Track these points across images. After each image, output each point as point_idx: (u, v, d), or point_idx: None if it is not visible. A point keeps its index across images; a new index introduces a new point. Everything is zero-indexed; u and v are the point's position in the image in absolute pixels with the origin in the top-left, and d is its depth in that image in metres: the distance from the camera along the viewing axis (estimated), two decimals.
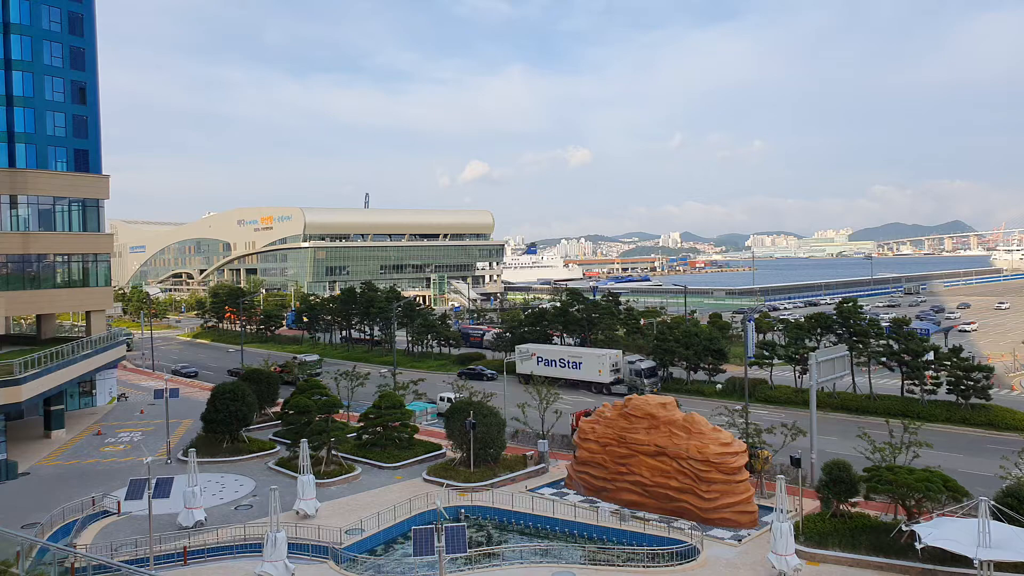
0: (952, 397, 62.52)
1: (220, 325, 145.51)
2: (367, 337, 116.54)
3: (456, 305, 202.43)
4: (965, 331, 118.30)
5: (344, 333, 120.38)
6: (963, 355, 63.64)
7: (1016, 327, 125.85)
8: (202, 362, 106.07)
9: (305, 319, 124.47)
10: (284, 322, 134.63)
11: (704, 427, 41.57)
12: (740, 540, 37.07)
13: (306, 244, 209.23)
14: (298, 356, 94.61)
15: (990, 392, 61.82)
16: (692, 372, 78.89)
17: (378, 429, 52.70)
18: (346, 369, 67.17)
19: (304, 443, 42.14)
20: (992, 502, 28.31)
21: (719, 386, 74.62)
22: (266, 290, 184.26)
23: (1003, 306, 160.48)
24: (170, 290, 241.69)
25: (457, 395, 58.03)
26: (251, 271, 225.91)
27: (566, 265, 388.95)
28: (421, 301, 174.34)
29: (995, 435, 56.76)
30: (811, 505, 39.83)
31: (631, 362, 77.97)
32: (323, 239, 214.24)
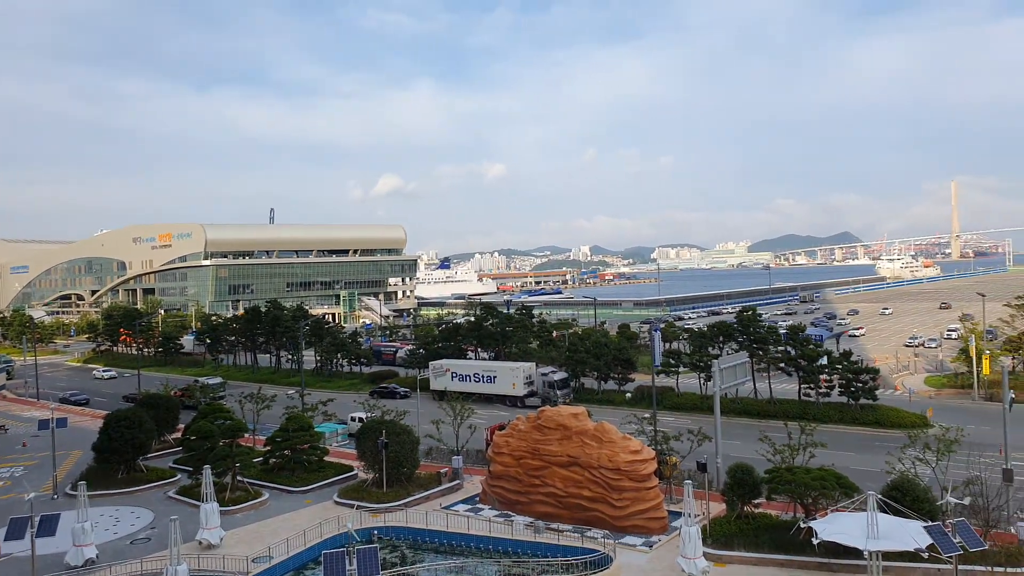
0: (844, 399, 66.04)
1: (115, 349, 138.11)
2: (275, 357, 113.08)
3: (368, 322, 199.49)
4: (854, 336, 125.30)
5: (249, 354, 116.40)
6: (853, 359, 67.46)
7: (898, 331, 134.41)
8: (94, 388, 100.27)
9: (207, 340, 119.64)
10: (192, 342, 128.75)
11: (615, 436, 42.34)
12: (651, 546, 37.89)
13: (207, 262, 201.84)
14: (200, 379, 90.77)
15: (877, 393, 65.70)
16: (603, 382, 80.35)
17: (286, 452, 51.16)
18: (251, 391, 64.98)
19: (207, 469, 40.42)
20: (879, 496, 30.02)
21: (629, 395, 76.31)
22: (165, 311, 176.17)
23: (887, 311, 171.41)
24: (58, 313, 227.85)
25: (369, 414, 57.02)
26: (148, 291, 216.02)
27: (480, 279, 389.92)
28: (330, 319, 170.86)
29: (882, 433, 60.26)
30: (718, 508, 41.13)
31: (544, 374, 78.71)
32: (225, 256, 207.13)
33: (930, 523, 29.14)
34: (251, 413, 61.62)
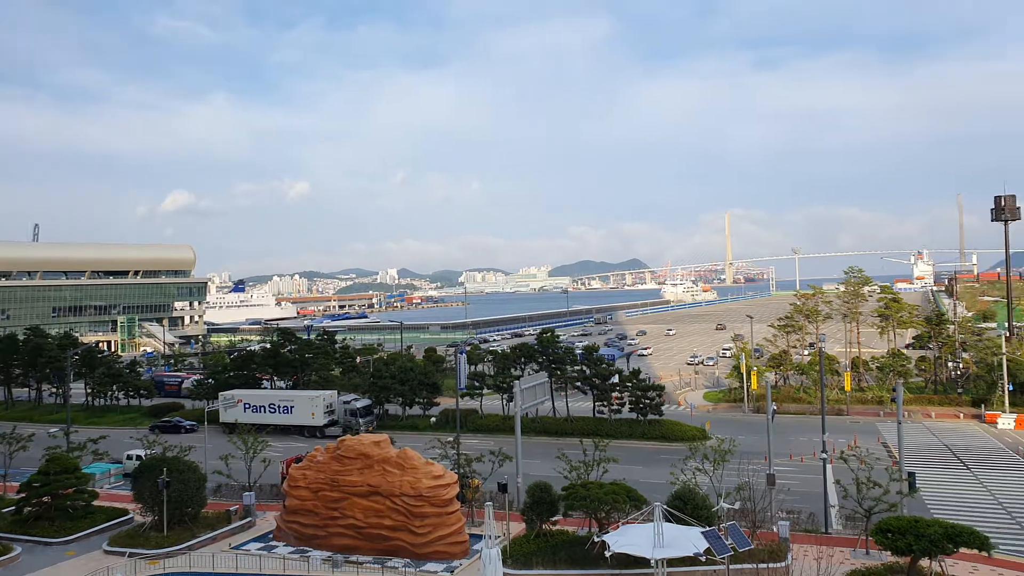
0: (634, 415, 70.32)
1: None
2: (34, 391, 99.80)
3: (149, 351, 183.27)
4: (643, 355, 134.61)
5: (2, 388, 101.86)
6: (641, 377, 72.13)
7: (681, 350, 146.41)
8: None
9: None
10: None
11: (417, 462, 41.72)
12: (452, 571, 37.58)
13: None
14: None
15: (662, 408, 70.75)
16: (408, 407, 79.44)
17: (44, 499, 45.01)
18: (2, 431, 56.70)
19: None
20: (664, 506, 31.97)
21: (433, 419, 76.04)
22: None
23: (671, 332, 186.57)
24: None
25: (148, 451, 51.80)
26: None
27: (279, 303, 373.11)
28: (105, 347, 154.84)
29: (667, 446, 64.80)
30: (518, 527, 41.79)
31: (346, 402, 76.29)
32: None
33: (707, 528, 31.47)
34: (2, 456, 53.76)
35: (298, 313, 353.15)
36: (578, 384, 75.01)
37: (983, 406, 76.32)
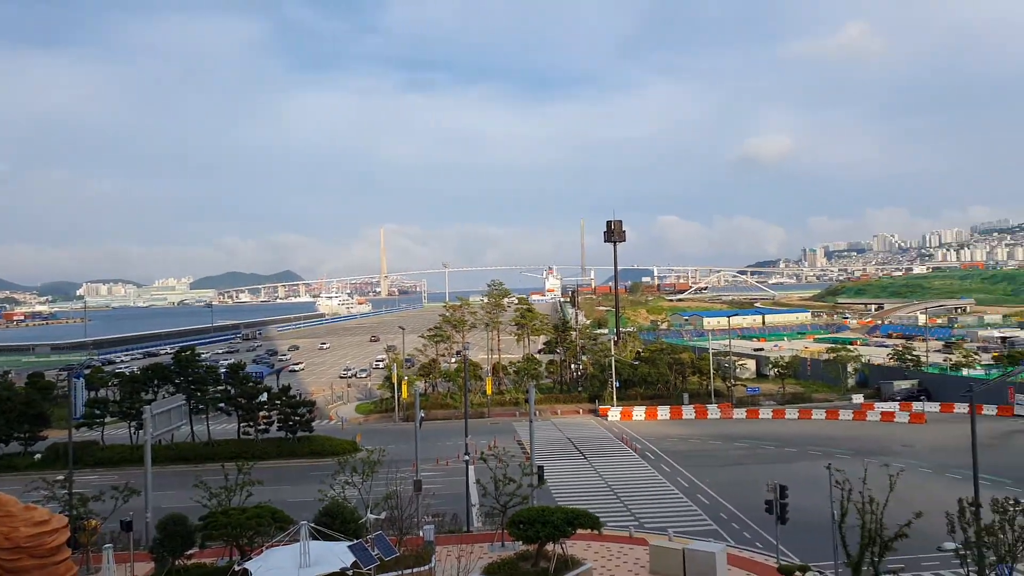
0: (283, 433, 67.50)
1: None
2: None
3: None
4: (295, 371, 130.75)
5: None
6: (291, 393, 69.71)
7: (335, 363, 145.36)
8: None
9: None
10: None
11: (14, 508, 34.38)
12: None
13: None
14: None
15: (314, 424, 69.12)
16: (4, 444, 66.37)
17: None
18: None
19: None
20: (311, 524, 30.83)
21: (38, 456, 64.58)
22: None
23: (324, 346, 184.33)
24: None
25: None
26: None
27: None
28: None
29: (318, 462, 63.22)
30: (147, 568, 37.10)
31: None
32: None
33: (354, 542, 31.06)
34: None
35: None
36: (221, 405, 69.89)
37: (597, 401, 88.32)
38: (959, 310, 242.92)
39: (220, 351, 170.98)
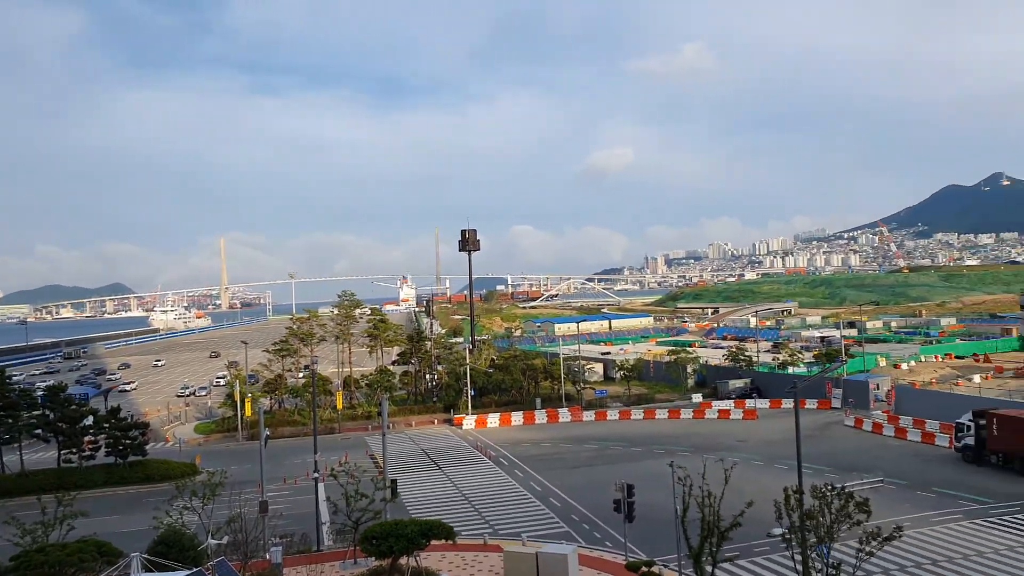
0: (112, 458, 62.13)
1: None
2: None
3: None
4: (125, 391, 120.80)
5: None
6: (122, 415, 64.23)
7: (171, 381, 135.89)
8: None
9: None
10: None
11: None
12: None
13: None
14: None
15: (148, 447, 64.10)
16: None
17: None
18: None
19: None
20: (144, 555, 28.45)
21: None
22: None
23: (160, 363, 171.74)
24: None
25: None
26: None
27: None
28: None
29: (153, 488, 58.73)
30: None
31: None
32: None
33: (193, 570, 28.94)
34: None
35: None
36: (38, 432, 63.28)
37: (452, 411, 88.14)
38: (785, 313, 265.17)
39: (37, 372, 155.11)
